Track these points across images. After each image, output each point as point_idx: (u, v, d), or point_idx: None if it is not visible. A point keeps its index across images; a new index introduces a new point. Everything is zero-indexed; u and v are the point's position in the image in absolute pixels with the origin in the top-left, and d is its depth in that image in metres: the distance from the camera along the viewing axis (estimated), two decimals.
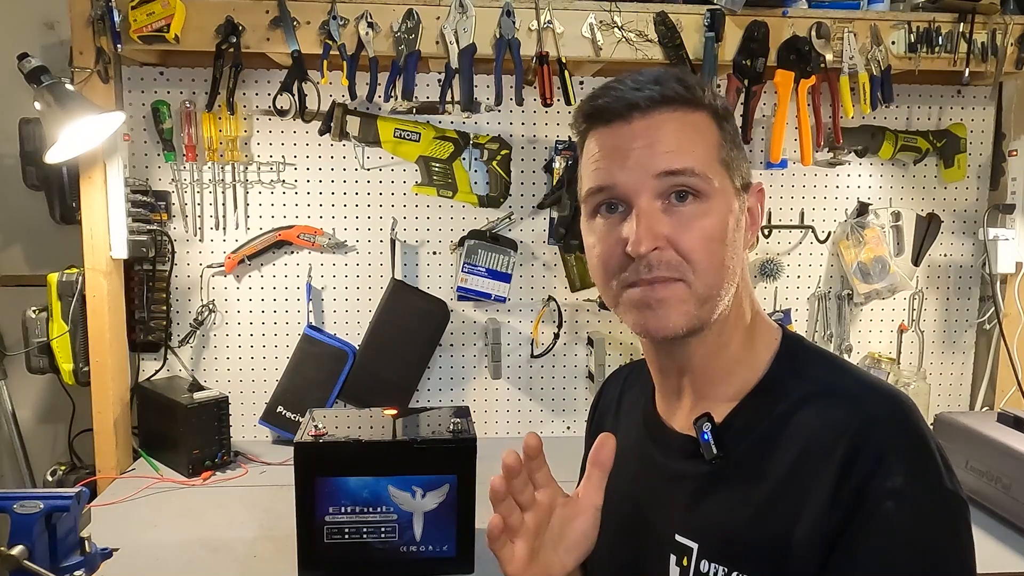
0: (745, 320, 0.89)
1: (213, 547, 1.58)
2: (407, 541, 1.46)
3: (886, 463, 0.75)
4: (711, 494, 0.86)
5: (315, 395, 2.08)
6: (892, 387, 0.85)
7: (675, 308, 0.82)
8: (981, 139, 2.27)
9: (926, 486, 0.76)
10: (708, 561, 0.83)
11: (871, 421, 0.78)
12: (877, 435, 0.77)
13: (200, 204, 2.09)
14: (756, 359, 0.88)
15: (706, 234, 0.81)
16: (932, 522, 0.75)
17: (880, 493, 0.74)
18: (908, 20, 1.95)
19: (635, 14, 1.88)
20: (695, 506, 0.87)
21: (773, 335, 0.90)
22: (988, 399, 2.32)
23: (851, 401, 0.80)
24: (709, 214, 0.82)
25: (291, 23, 1.81)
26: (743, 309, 0.89)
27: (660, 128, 0.82)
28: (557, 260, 2.20)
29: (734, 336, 0.88)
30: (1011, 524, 1.63)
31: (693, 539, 0.86)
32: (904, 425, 0.78)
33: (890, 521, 0.74)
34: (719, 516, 0.84)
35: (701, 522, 0.86)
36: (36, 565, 1.08)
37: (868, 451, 0.76)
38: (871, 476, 0.75)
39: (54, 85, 1.70)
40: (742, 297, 0.88)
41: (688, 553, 0.86)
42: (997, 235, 2.15)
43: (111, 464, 1.94)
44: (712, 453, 0.85)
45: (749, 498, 0.82)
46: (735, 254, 0.84)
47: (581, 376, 2.26)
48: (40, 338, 1.94)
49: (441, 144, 2.08)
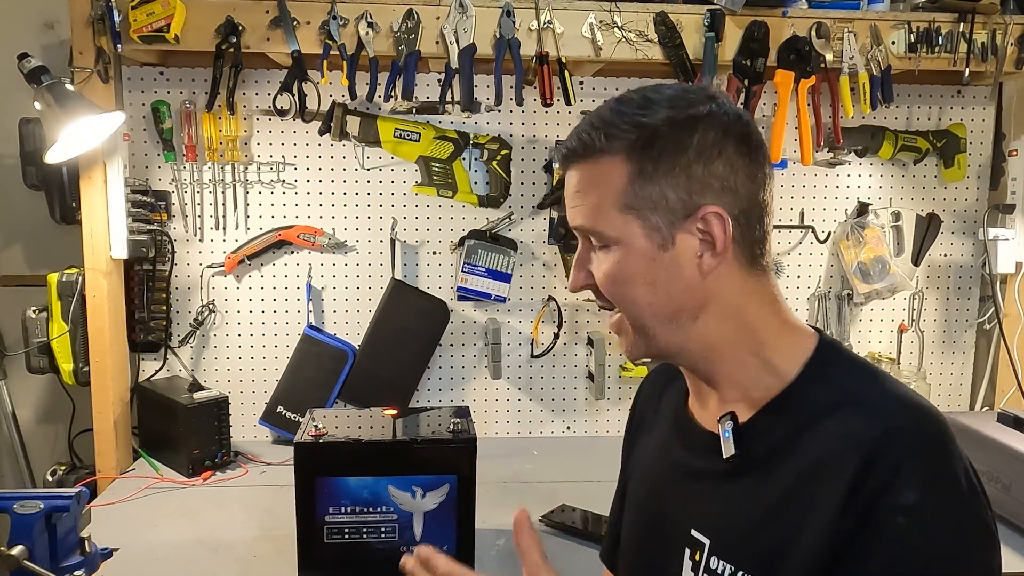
0: (754, 335, 0.87)
1: (213, 547, 1.58)
2: (407, 541, 1.46)
3: (902, 476, 0.73)
4: (726, 492, 0.86)
5: (315, 395, 2.07)
6: (924, 400, 0.82)
7: (623, 338, 0.91)
8: (981, 139, 2.27)
9: (941, 505, 0.74)
10: (718, 558, 0.84)
11: (892, 432, 0.76)
12: (896, 447, 0.75)
13: (200, 204, 2.09)
14: (783, 367, 0.86)
15: (609, 277, 0.87)
16: (944, 542, 0.73)
17: (892, 507, 0.73)
18: (908, 20, 1.95)
19: (635, 14, 1.88)
20: (710, 503, 0.88)
21: (805, 343, 0.88)
22: (988, 399, 2.32)
23: (875, 412, 0.79)
24: (608, 260, 0.86)
25: (291, 23, 1.81)
26: (735, 328, 0.86)
27: (569, 184, 0.89)
28: (557, 260, 2.20)
29: (739, 355, 0.87)
30: (1011, 524, 1.63)
31: (706, 535, 0.87)
32: (928, 439, 0.77)
33: (899, 538, 0.73)
34: (731, 515, 0.85)
35: (714, 519, 0.87)
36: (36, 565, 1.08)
37: (884, 463, 0.74)
38: (885, 488, 0.74)
39: (54, 85, 1.70)
40: (728, 319, 0.86)
41: (701, 548, 0.87)
42: (997, 235, 2.15)
43: (111, 464, 1.94)
44: (731, 451, 0.86)
45: (761, 500, 0.82)
46: (664, 289, 0.84)
47: (581, 376, 2.26)
48: (40, 338, 1.94)
49: (441, 144, 2.08)
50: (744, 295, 0.86)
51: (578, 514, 1.71)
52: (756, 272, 0.87)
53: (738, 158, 0.83)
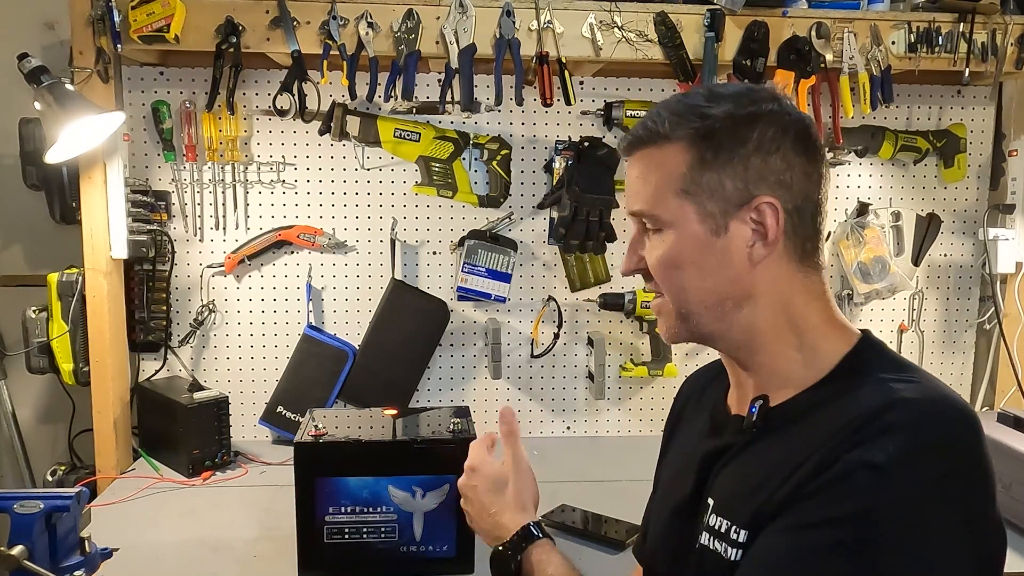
0: (797, 329, 0.88)
1: (213, 547, 1.58)
2: (407, 541, 1.46)
3: (884, 438, 0.73)
4: (740, 460, 0.89)
5: (315, 395, 2.08)
6: (959, 399, 0.81)
7: (663, 320, 0.94)
8: (981, 139, 2.27)
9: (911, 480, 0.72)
10: (717, 515, 0.87)
11: (898, 402, 0.76)
12: (895, 415, 0.75)
13: (200, 204, 2.09)
14: (821, 362, 0.87)
15: (661, 261, 0.90)
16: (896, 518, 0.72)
17: (855, 460, 0.73)
18: (908, 20, 1.95)
19: (635, 14, 1.88)
20: (726, 472, 0.90)
21: (847, 340, 0.89)
22: (988, 399, 2.32)
23: (890, 393, 0.78)
24: (662, 244, 0.89)
25: (291, 23, 1.81)
26: (779, 321, 0.88)
27: (630, 171, 0.93)
28: (557, 260, 2.20)
29: (777, 346, 0.88)
30: (1011, 524, 1.63)
31: (713, 497, 0.90)
32: (940, 424, 0.76)
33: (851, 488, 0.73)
34: (739, 478, 0.88)
35: (725, 484, 0.89)
36: (36, 565, 1.08)
37: (874, 425, 0.75)
38: (858, 445, 0.74)
39: (54, 85, 1.70)
40: (773, 310, 0.88)
41: (707, 509, 0.89)
42: (997, 235, 2.15)
43: (111, 464, 1.94)
44: (751, 423, 0.88)
45: (765, 462, 0.84)
46: (712, 275, 0.87)
47: (581, 376, 2.26)
48: (40, 338, 1.94)
49: (441, 144, 2.08)
50: (791, 289, 0.88)
51: (578, 514, 1.70)
52: (806, 268, 0.88)
53: (795, 156, 0.86)
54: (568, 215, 2.05)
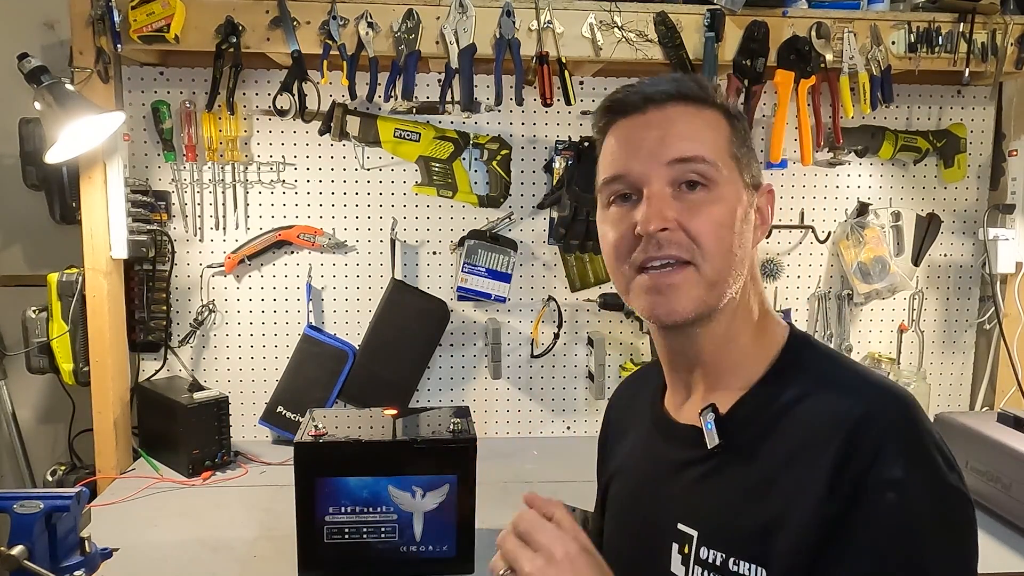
0: (753, 316, 0.91)
1: (213, 547, 1.58)
2: (407, 541, 1.46)
3: (883, 455, 0.76)
4: (712, 482, 0.87)
5: (315, 395, 2.08)
6: (893, 383, 0.86)
7: (684, 293, 0.84)
8: (981, 139, 2.27)
9: (925, 479, 0.76)
10: (707, 548, 0.85)
11: (870, 415, 0.78)
12: (876, 429, 0.77)
13: (200, 204, 2.09)
14: (763, 353, 0.89)
15: (715, 220, 0.84)
16: (930, 515, 0.76)
17: (880, 483, 0.75)
18: (908, 20, 1.95)
19: (635, 14, 1.88)
20: (696, 494, 0.88)
21: (781, 332, 0.92)
22: (988, 399, 2.32)
23: (852, 394, 0.81)
24: (718, 201, 0.85)
25: (291, 23, 1.81)
26: (751, 304, 0.90)
27: (673, 119, 0.86)
28: (557, 260, 2.20)
29: (742, 330, 0.90)
30: (1011, 524, 1.63)
31: (694, 527, 0.87)
32: (903, 420, 0.79)
33: (891, 512, 0.75)
34: (718, 503, 0.85)
35: (701, 510, 0.87)
36: (36, 565, 1.08)
37: (866, 444, 0.77)
38: (870, 467, 0.76)
39: (54, 85, 1.70)
40: (750, 293, 0.90)
41: (689, 541, 0.87)
42: (997, 235, 2.15)
43: (111, 464, 1.94)
44: (715, 441, 0.87)
45: (746, 485, 0.83)
46: (743, 244, 0.87)
47: (581, 376, 2.26)
48: (40, 338, 1.94)
49: (441, 144, 2.08)
50: (755, 274, 0.92)
51: (578, 514, 1.68)
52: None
53: None
54: (568, 215, 2.05)
